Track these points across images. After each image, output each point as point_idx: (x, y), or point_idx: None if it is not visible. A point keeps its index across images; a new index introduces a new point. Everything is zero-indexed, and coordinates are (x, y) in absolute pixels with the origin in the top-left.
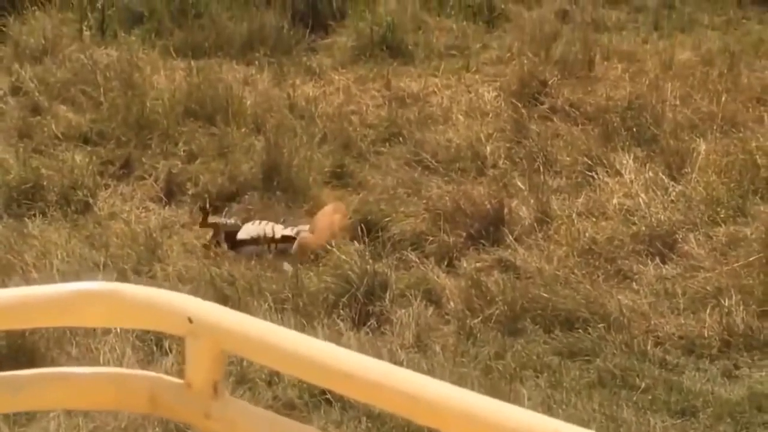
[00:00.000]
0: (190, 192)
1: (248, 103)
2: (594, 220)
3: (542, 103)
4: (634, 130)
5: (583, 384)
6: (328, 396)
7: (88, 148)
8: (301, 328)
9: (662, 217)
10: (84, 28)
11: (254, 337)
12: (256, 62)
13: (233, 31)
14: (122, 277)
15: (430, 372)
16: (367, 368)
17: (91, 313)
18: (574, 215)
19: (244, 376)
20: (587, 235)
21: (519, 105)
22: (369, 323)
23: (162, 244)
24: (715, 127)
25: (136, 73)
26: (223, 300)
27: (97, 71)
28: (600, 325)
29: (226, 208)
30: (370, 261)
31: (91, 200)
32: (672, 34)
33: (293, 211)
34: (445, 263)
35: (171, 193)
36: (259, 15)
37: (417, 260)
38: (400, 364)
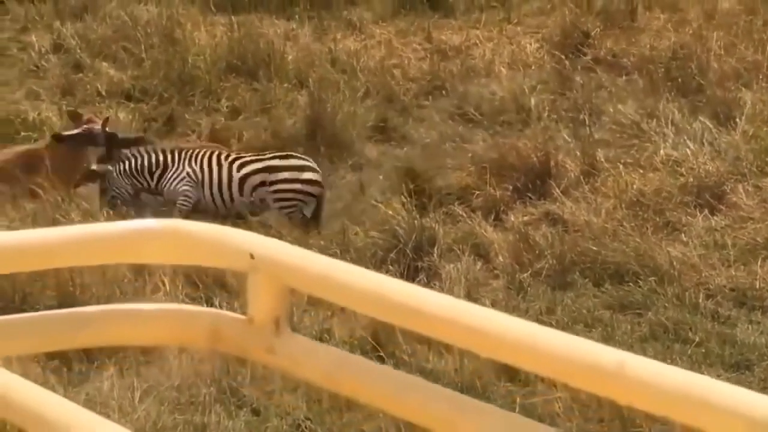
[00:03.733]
0: (234, 148)
1: (290, 58)
2: (641, 171)
3: (585, 55)
4: (680, 80)
5: (635, 338)
6: (381, 354)
7: (131, 105)
8: None
9: (710, 167)
10: None
11: (316, 272)
12: (296, 17)
13: None
14: None
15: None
16: (435, 303)
17: (154, 250)
18: (621, 167)
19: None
20: (635, 187)
21: (562, 56)
22: (418, 279)
23: None
24: (761, 77)
25: (177, 29)
26: None
27: (138, 27)
28: (651, 278)
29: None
30: (417, 216)
31: None
32: None
33: (337, 166)
34: (492, 217)
35: None
36: None
37: (464, 214)
38: None
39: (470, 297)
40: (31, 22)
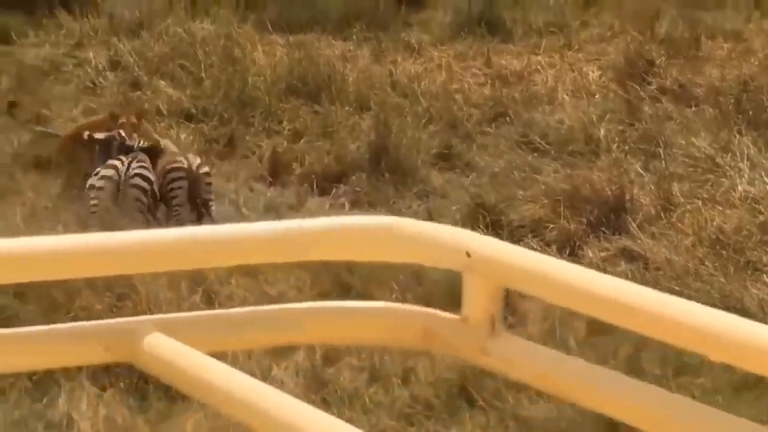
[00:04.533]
0: (296, 172)
1: (350, 80)
2: (720, 208)
3: (650, 84)
4: (750, 113)
5: (728, 385)
6: (468, 398)
7: (192, 126)
8: None
9: None
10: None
11: (534, 270)
12: (353, 37)
13: (328, 5)
14: None
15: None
16: (659, 303)
17: (368, 247)
18: (699, 203)
19: None
20: (714, 224)
21: (629, 85)
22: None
23: None
24: None
25: (235, 49)
26: (346, 288)
27: (196, 46)
28: None
29: (333, 190)
30: None
31: None
32: None
33: (402, 194)
34: (567, 252)
35: (276, 173)
36: None
37: (538, 248)
38: None
39: (552, 336)
40: (86, 37)
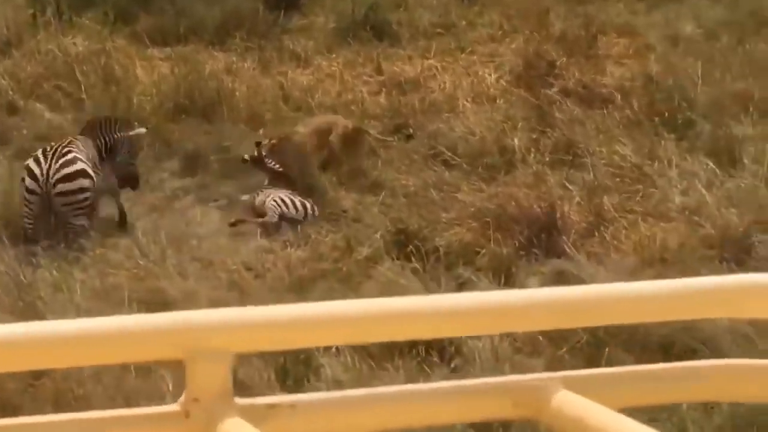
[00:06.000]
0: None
1: (239, 95)
2: (661, 224)
3: (552, 86)
4: (666, 114)
5: (712, 427)
6: None
7: None
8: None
9: (733, 217)
10: (38, 12)
11: None
12: (235, 48)
13: (204, 15)
14: None
15: None
16: None
17: (755, 306)
18: (633, 217)
19: None
20: (657, 242)
21: (530, 89)
22: (445, 358)
23: None
24: (751, 109)
25: (116, 66)
26: None
27: (73, 64)
28: (704, 351)
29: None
30: (431, 282)
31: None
32: (661, 4)
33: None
34: (502, 279)
35: None
36: None
37: (474, 278)
38: None
39: None
40: None
